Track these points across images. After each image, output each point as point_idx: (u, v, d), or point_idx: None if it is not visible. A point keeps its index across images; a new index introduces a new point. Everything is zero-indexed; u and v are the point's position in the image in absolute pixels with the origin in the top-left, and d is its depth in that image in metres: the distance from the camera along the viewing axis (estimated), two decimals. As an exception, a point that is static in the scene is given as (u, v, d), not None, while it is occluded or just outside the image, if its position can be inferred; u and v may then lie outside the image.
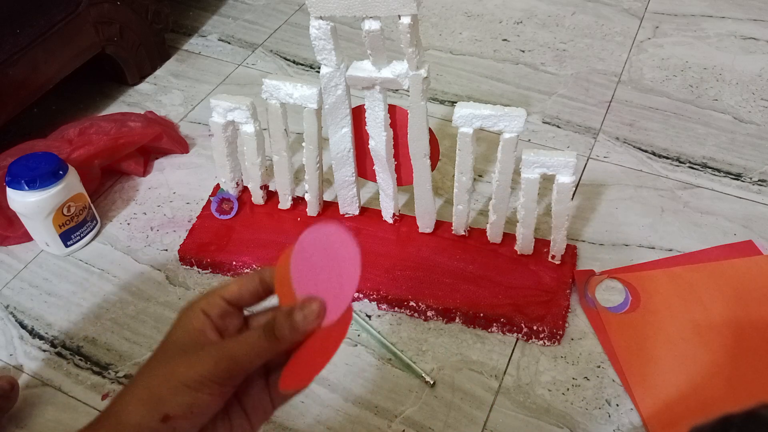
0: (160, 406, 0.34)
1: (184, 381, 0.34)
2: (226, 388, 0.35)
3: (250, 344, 0.36)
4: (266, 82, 0.76)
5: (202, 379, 0.34)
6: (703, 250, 0.83)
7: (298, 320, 0.36)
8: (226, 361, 0.35)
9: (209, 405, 0.35)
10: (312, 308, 0.37)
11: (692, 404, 0.68)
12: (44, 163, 0.81)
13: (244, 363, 0.36)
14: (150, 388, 0.35)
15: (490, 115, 0.69)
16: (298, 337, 0.37)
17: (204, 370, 0.35)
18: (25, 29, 0.93)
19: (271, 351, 0.36)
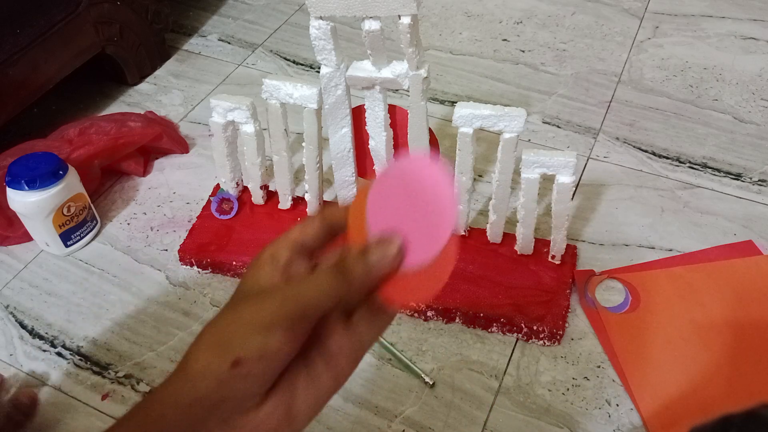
0: (229, 351, 0.32)
1: (251, 323, 0.32)
2: (296, 331, 0.32)
3: (317, 285, 0.33)
4: (266, 82, 0.76)
5: (270, 320, 0.32)
6: (703, 250, 0.83)
7: (373, 260, 0.34)
8: (292, 302, 0.32)
9: (280, 349, 0.32)
10: (390, 248, 0.34)
11: (692, 404, 0.68)
12: (44, 163, 0.81)
13: (313, 304, 0.33)
14: (217, 333, 0.33)
15: (490, 115, 0.69)
16: (371, 280, 0.34)
17: (271, 311, 0.32)
18: (25, 29, 0.93)
19: (340, 292, 0.33)
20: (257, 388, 0.32)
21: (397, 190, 0.35)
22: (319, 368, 0.35)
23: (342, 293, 0.33)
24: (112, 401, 0.73)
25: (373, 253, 0.34)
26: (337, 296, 0.33)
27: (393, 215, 0.35)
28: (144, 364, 0.76)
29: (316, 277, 0.34)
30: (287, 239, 0.36)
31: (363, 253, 0.34)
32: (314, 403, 0.35)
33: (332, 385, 0.36)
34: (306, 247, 0.36)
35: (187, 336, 0.78)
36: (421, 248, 0.35)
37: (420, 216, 0.35)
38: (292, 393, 0.34)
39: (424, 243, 0.35)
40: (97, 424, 0.72)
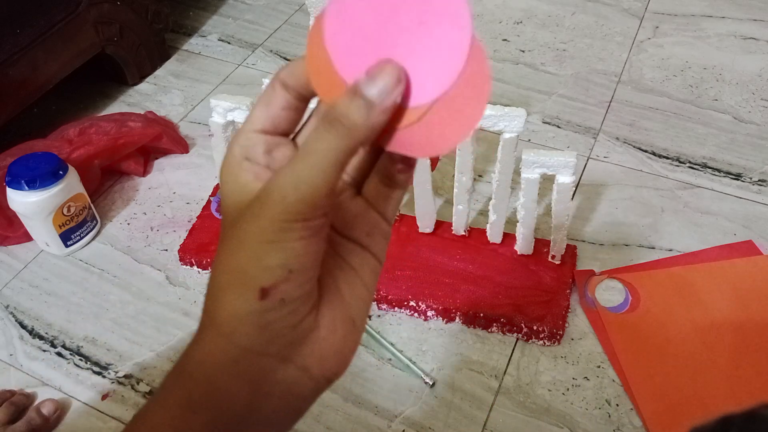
0: (250, 282, 0.26)
1: (260, 240, 0.26)
2: (315, 222, 0.26)
3: (314, 155, 0.26)
4: (266, 82, 0.76)
5: (279, 227, 0.25)
6: (703, 250, 0.83)
7: (371, 94, 0.26)
8: (293, 192, 0.25)
9: (306, 252, 0.26)
10: (384, 77, 0.26)
11: (692, 404, 0.68)
12: (44, 163, 0.81)
13: (319, 182, 0.25)
14: (229, 270, 0.27)
15: (490, 115, 0.69)
16: (377, 122, 0.26)
17: (276, 215, 0.26)
18: (25, 29, 0.93)
19: (345, 151, 0.26)
20: (301, 308, 0.27)
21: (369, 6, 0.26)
22: (357, 258, 0.30)
23: (347, 151, 0.26)
24: (112, 401, 0.73)
25: (367, 87, 0.26)
26: (343, 157, 0.26)
27: (371, 46, 0.26)
28: (144, 364, 0.76)
29: (307, 147, 0.26)
30: (254, 127, 0.29)
31: (354, 92, 0.26)
32: (365, 295, 0.30)
33: (374, 267, 0.31)
34: (280, 128, 0.29)
35: (187, 336, 0.78)
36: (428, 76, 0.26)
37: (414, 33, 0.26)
38: (339, 295, 0.29)
39: (431, 67, 0.26)
40: (97, 424, 0.72)
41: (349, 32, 0.26)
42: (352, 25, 0.26)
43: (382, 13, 0.26)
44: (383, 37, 0.26)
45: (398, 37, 0.26)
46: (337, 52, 0.26)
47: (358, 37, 0.26)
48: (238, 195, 0.28)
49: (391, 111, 0.26)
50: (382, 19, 0.26)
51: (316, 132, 0.26)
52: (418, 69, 0.26)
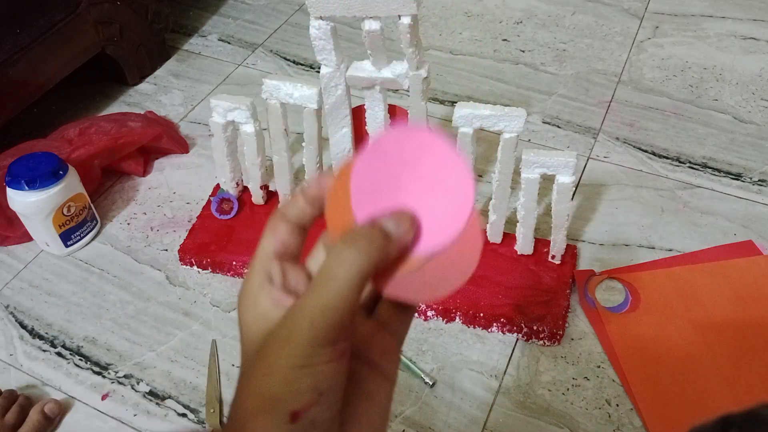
0: (281, 407, 0.26)
1: (291, 365, 0.27)
2: (339, 345, 0.27)
3: (335, 278, 0.27)
4: (266, 82, 0.76)
5: (308, 352, 0.26)
6: (703, 250, 0.83)
7: (390, 227, 0.28)
8: (320, 315, 0.27)
9: (335, 374, 0.27)
10: (402, 221, 0.29)
11: (692, 404, 0.68)
12: (44, 163, 0.81)
13: (342, 304, 0.27)
14: (260, 393, 0.27)
15: (490, 115, 0.69)
16: (391, 247, 0.28)
17: (305, 339, 0.27)
18: (25, 29, 0.93)
19: (366, 270, 0.27)
20: (329, 430, 0.28)
21: (390, 166, 0.30)
22: (371, 380, 0.31)
23: (367, 272, 0.27)
24: (112, 401, 0.73)
25: (386, 222, 0.28)
26: (362, 280, 0.27)
27: (387, 196, 0.30)
28: (144, 364, 0.76)
29: (328, 272, 0.27)
30: (267, 252, 0.31)
31: (373, 222, 0.28)
32: (381, 420, 0.31)
33: (389, 391, 0.32)
34: (289, 251, 0.31)
35: (187, 336, 0.78)
36: (433, 231, 0.29)
37: (425, 194, 0.30)
38: (358, 420, 0.30)
39: (435, 225, 0.29)
40: (97, 424, 0.72)
41: (372, 180, 0.30)
42: (376, 176, 0.30)
43: (402, 173, 0.30)
44: (399, 193, 0.30)
45: (412, 195, 0.30)
46: (357, 194, 0.30)
47: (378, 188, 0.30)
48: (261, 322, 0.29)
49: (400, 249, 0.29)
50: (401, 178, 0.30)
51: (336, 255, 0.27)
52: (423, 224, 0.30)
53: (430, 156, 0.30)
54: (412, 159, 0.30)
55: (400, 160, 0.30)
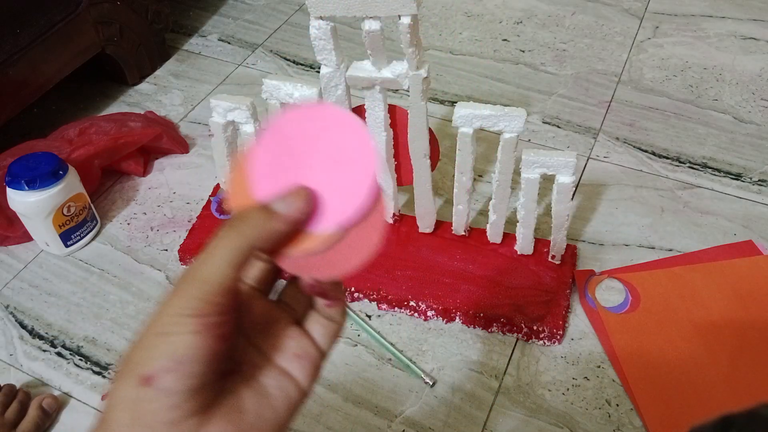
0: (135, 369, 0.26)
1: (153, 331, 0.27)
2: (209, 318, 0.27)
3: (212, 254, 0.28)
4: (266, 82, 0.76)
5: (172, 320, 0.27)
6: (703, 250, 0.83)
7: (279, 206, 0.29)
8: (190, 285, 0.27)
9: (196, 346, 0.27)
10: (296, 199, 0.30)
11: (692, 404, 0.68)
12: (44, 163, 0.81)
13: (215, 278, 0.28)
14: (123, 358, 0.28)
15: (490, 115, 0.69)
16: (275, 224, 0.29)
17: (171, 308, 0.27)
18: (25, 29, 0.93)
19: (242, 249, 0.28)
20: (183, 404, 0.26)
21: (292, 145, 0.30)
22: (272, 379, 0.31)
23: (242, 251, 0.28)
24: (112, 401, 0.73)
25: (275, 203, 0.30)
26: (238, 258, 0.28)
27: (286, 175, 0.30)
28: (144, 364, 0.76)
29: (206, 248, 0.29)
30: None
31: (261, 204, 0.30)
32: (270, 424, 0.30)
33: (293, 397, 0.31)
34: None
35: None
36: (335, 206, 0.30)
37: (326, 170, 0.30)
38: (239, 413, 0.29)
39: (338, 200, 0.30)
40: (97, 424, 0.72)
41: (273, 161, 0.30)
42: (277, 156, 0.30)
43: (305, 151, 0.30)
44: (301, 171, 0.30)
45: (314, 173, 0.30)
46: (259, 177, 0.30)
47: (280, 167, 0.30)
48: None
49: (291, 223, 0.30)
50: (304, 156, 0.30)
51: (217, 234, 0.29)
52: (326, 201, 0.30)
53: (332, 131, 0.30)
54: (315, 135, 0.30)
55: (302, 138, 0.30)
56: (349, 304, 0.80)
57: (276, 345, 0.32)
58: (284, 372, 0.31)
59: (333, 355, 0.75)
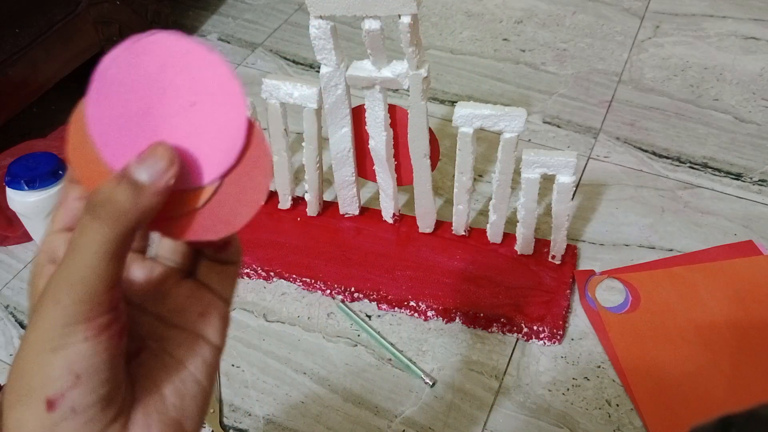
0: (35, 395, 0.24)
1: (42, 349, 0.24)
2: (98, 320, 0.24)
3: (79, 248, 0.24)
4: (266, 82, 0.76)
5: (59, 331, 0.24)
6: (703, 250, 0.82)
7: (138, 176, 0.25)
8: (66, 289, 0.24)
9: (94, 353, 0.24)
10: (159, 155, 0.25)
11: (692, 404, 0.68)
12: (44, 163, 0.81)
13: (94, 277, 0.24)
14: (12, 384, 0.25)
15: (490, 115, 0.69)
16: (148, 200, 0.25)
17: (52, 319, 0.24)
18: (25, 29, 0.93)
19: (116, 238, 0.24)
20: (99, 415, 0.25)
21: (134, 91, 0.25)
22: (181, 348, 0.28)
23: (118, 240, 0.24)
24: (111, 401, 0.73)
25: (136, 170, 0.25)
26: (116, 248, 0.24)
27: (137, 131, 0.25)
28: (144, 364, 0.76)
29: (72, 242, 0.24)
30: (55, 228, 0.28)
31: (121, 176, 0.25)
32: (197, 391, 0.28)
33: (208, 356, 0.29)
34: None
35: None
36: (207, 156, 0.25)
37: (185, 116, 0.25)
38: (159, 396, 0.27)
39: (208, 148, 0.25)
40: (96, 424, 0.72)
41: (115, 116, 0.25)
42: (118, 109, 0.25)
43: (150, 96, 0.25)
44: (153, 120, 0.25)
45: (170, 120, 0.25)
46: (102, 139, 0.25)
47: (126, 122, 0.25)
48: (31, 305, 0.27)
49: (164, 193, 0.25)
50: (151, 102, 0.25)
51: (80, 224, 0.24)
52: (195, 151, 0.25)
53: (182, 67, 0.25)
54: (160, 75, 0.25)
55: (145, 81, 0.25)
56: (349, 304, 0.80)
57: (174, 307, 0.29)
58: (192, 334, 0.29)
59: (333, 355, 0.75)
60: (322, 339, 0.77)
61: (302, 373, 0.74)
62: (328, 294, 0.81)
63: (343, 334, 0.77)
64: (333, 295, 0.80)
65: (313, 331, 0.78)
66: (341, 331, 0.78)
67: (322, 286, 0.80)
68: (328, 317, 0.79)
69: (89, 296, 0.24)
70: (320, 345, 0.76)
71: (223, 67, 0.25)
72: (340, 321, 0.79)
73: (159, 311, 0.29)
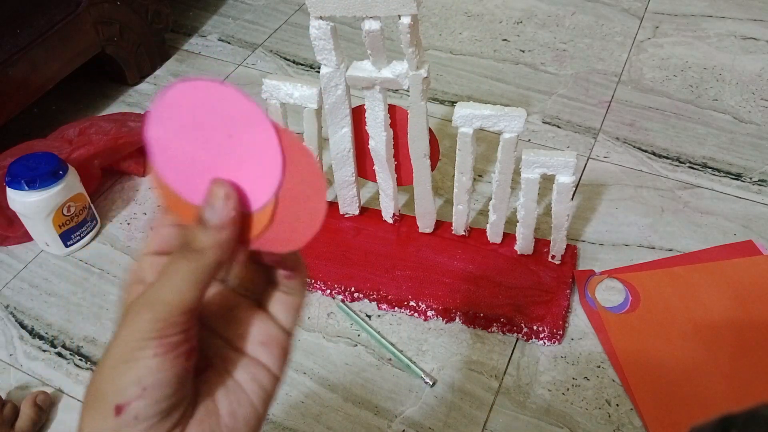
0: (105, 400, 0.27)
1: (118, 359, 0.27)
2: (170, 339, 0.27)
3: (169, 277, 0.28)
4: (266, 82, 0.76)
5: (133, 345, 0.27)
6: (703, 250, 0.83)
7: (208, 216, 0.29)
8: (150, 308, 0.27)
9: (161, 369, 0.27)
10: (215, 194, 0.29)
11: (692, 404, 0.68)
12: (44, 163, 0.81)
13: (175, 300, 0.28)
14: (92, 389, 0.28)
15: (490, 115, 0.69)
16: (221, 236, 0.29)
17: (131, 331, 0.27)
18: (25, 29, 0.93)
19: (198, 272, 0.28)
20: (158, 425, 0.27)
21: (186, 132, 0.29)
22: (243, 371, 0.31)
23: (200, 272, 0.28)
24: (112, 401, 0.73)
25: (205, 210, 0.29)
26: (201, 278, 0.28)
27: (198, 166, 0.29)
28: (144, 364, 0.76)
29: (164, 269, 0.29)
30: (145, 251, 0.32)
31: (199, 221, 0.29)
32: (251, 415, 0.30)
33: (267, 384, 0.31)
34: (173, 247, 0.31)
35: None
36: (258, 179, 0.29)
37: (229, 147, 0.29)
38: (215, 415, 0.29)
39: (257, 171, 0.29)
40: (97, 424, 0.72)
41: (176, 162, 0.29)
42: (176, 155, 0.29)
43: (198, 137, 0.29)
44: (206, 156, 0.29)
45: (218, 154, 0.29)
46: (171, 178, 0.30)
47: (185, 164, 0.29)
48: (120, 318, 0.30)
49: (231, 225, 0.29)
50: (200, 142, 0.29)
51: (171, 257, 0.29)
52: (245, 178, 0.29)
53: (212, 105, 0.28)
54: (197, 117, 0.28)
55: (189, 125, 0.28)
56: (349, 303, 0.80)
57: (241, 333, 0.32)
58: (254, 360, 0.31)
59: (333, 355, 0.76)
60: (322, 339, 0.77)
61: (302, 373, 0.74)
62: (328, 294, 0.81)
63: (343, 334, 0.77)
64: (333, 294, 0.80)
65: (313, 330, 0.78)
66: (341, 330, 0.78)
67: (322, 286, 0.80)
68: (328, 317, 0.79)
69: (165, 315, 0.27)
70: (320, 345, 0.77)
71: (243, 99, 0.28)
72: (340, 321, 0.79)
73: (227, 335, 0.32)
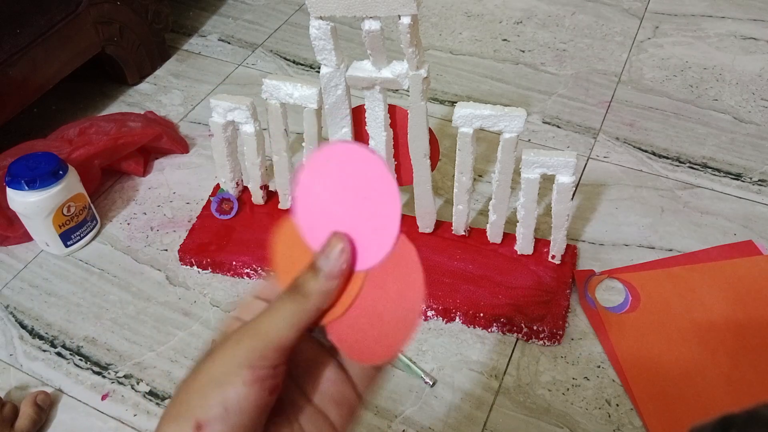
0: (190, 414, 0.28)
1: (209, 378, 0.29)
2: (261, 371, 0.29)
3: (273, 313, 0.30)
4: (266, 82, 0.76)
5: (227, 369, 0.29)
6: (703, 250, 0.83)
7: (321, 264, 0.31)
8: (248, 339, 0.29)
9: (247, 397, 0.28)
10: (333, 247, 0.31)
11: (692, 404, 0.68)
12: (44, 163, 0.81)
13: (272, 336, 0.29)
14: (177, 402, 0.29)
15: (490, 115, 0.69)
16: (329, 285, 0.31)
17: (227, 357, 0.29)
18: (25, 29, 0.93)
19: (300, 313, 0.30)
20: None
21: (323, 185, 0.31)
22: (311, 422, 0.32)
23: (303, 314, 0.30)
24: (112, 401, 0.73)
25: (319, 258, 0.31)
26: (299, 319, 0.30)
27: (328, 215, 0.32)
28: (144, 364, 0.76)
29: (270, 306, 0.31)
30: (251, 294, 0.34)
31: (312, 267, 0.31)
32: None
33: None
34: None
35: (187, 336, 0.78)
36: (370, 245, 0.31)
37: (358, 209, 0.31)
38: None
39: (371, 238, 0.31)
40: (97, 424, 0.72)
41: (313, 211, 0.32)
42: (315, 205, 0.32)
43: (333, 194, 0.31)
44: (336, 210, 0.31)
45: (347, 211, 0.31)
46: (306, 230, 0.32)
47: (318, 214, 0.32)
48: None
49: (339, 276, 0.31)
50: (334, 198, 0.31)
51: (280, 296, 0.31)
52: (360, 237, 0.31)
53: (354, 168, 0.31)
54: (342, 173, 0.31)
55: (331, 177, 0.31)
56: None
57: (317, 387, 0.33)
58: (323, 415, 0.32)
59: (333, 355, 0.75)
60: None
61: (302, 373, 0.74)
62: (328, 294, 0.80)
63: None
64: (333, 295, 0.80)
65: (313, 331, 0.78)
66: (341, 331, 0.78)
67: (322, 286, 0.80)
68: (328, 317, 0.79)
69: (262, 347, 0.29)
70: (320, 345, 0.76)
71: (384, 169, 0.30)
72: (340, 321, 0.79)
73: (305, 385, 0.33)
